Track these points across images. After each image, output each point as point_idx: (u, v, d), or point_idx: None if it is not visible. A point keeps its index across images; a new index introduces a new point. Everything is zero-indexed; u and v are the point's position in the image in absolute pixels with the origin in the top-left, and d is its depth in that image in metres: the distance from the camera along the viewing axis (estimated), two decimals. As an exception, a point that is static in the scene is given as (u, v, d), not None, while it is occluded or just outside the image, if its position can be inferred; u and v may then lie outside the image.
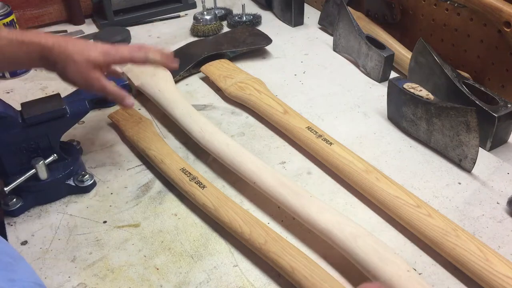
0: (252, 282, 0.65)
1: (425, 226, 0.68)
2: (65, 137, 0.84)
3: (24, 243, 0.73)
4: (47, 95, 0.82)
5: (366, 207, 0.77)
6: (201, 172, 0.83)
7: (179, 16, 1.44)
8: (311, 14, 1.41)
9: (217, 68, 1.09)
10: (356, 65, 1.14)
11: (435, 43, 1.09)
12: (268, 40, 1.20)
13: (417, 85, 0.89)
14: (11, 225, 0.76)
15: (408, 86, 0.89)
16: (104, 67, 0.76)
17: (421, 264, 0.67)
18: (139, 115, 0.95)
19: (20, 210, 0.77)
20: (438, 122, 0.84)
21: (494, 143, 0.86)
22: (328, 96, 1.05)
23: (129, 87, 1.01)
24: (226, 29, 1.34)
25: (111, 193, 0.81)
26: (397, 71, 1.12)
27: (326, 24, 1.30)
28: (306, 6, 1.39)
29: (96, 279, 0.67)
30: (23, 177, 0.74)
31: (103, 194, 0.81)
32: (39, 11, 1.34)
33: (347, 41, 1.15)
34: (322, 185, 0.82)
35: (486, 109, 0.83)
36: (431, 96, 0.85)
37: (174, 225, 0.75)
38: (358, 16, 1.21)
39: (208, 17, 1.30)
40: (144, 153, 0.85)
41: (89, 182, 0.81)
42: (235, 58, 1.17)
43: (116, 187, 0.82)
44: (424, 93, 0.86)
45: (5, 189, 0.73)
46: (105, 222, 0.76)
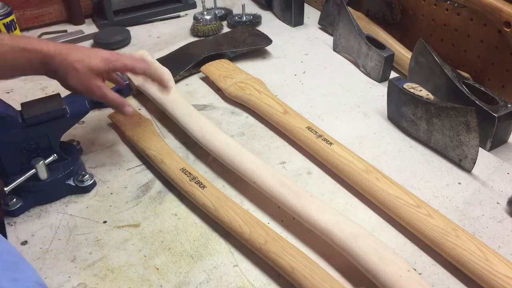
0: (252, 282, 0.65)
1: (425, 226, 0.68)
2: (65, 137, 0.84)
3: (24, 243, 0.73)
4: (47, 95, 0.83)
5: (366, 207, 0.77)
6: (201, 172, 0.83)
7: (179, 16, 1.44)
8: (311, 14, 1.41)
9: (217, 68, 1.09)
10: (356, 65, 1.14)
11: (435, 43, 1.09)
12: (268, 41, 1.20)
13: (417, 85, 0.89)
14: (11, 225, 0.76)
15: (408, 86, 0.89)
16: (105, 74, 0.78)
17: (421, 264, 0.67)
18: (139, 115, 0.95)
19: (20, 210, 0.77)
20: (438, 122, 0.84)
21: (494, 143, 0.86)
22: (328, 96, 1.05)
23: (129, 87, 1.01)
24: (226, 29, 1.34)
25: (111, 193, 0.81)
26: (397, 71, 1.12)
27: (326, 24, 1.30)
28: (306, 6, 1.39)
29: (96, 279, 0.67)
30: (23, 177, 0.74)
31: (103, 194, 0.81)
32: (39, 11, 1.34)
33: (347, 41, 1.15)
34: (322, 185, 0.82)
35: (486, 109, 0.83)
36: (431, 96, 0.85)
37: (174, 225, 0.75)
38: (358, 16, 1.21)
39: (208, 17, 1.30)
40: (144, 153, 0.85)
41: (89, 182, 0.81)
42: (235, 58, 1.17)
43: (116, 187, 0.82)
44: (424, 93, 0.86)
45: (5, 189, 0.73)
46: (105, 222, 0.76)
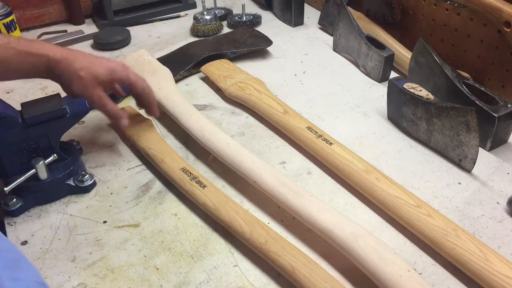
0: (252, 282, 0.65)
1: (425, 226, 0.68)
2: (65, 137, 0.84)
3: (24, 243, 0.72)
4: (47, 95, 0.82)
5: (366, 207, 0.77)
6: (201, 172, 0.83)
7: (179, 16, 1.44)
8: (311, 14, 1.41)
9: (217, 68, 1.09)
10: (356, 65, 1.14)
11: (435, 43, 1.09)
12: (269, 42, 1.20)
13: (417, 85, 0.89)
14: (11, 225, 0.76)
15: (408, 86, 0.89)
16: (108, 84, 0.79)
17: (421, 264, 0.67)
18: (139, 115, 0.95)
19: (20, 210, 0.77)
20: (438, 122, 0.84)
21: (494, 143, 0.86)
22: (328, 96, 1.05)
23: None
24: (226, 29, 1.35)
25: (111, 193, 0.81)
26: (397, 71, 1.12)
27: (326, 24, 1.30)
28: (306, 6, 1.39)
29: (96, 279, 0.67)
30: (23, 177, 0.74)
31: (103, 194, 0.81)
32: (39, 11, 1.34)
33: (347, 41, 1.15)
34: (322, 185, 0.82)
35: (486, 109, 0.83)
36: (431, 96, 0.85)
37: (174, 225, 0.75)
38: (358, 16, 1.21)
39: (208, 17, 1.30)
40: (144, 152, 0.85)
41: (89, 182, 0.81)
42: (235, 58, 1.17)
43: (116, 187, 0.82)
44: (424, 93, 0.86)
45: (5, 189, 0.73)
46: (105, 222, 0.76)
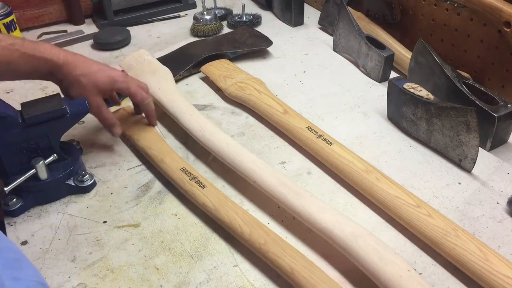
0: (252, 282, 0.65)
1: (425, 226, 0.68)
2: (65, 137, 0.84)
3: (24, 243, 0.72)
4: (47, 95, 0.82)
5: (366, 207, 0.77)
6: (201, 172, 0.83)
7: (179, 16, 1.44)
8: (311, 14, 1.41)
9: (217, 68, 1.09)
10: (356, 65, 1.14)
11: (435, 43, 1.09)
12: (269, 42, 1.20)
13: (417, 85, 0.89)
14: (11, 225, 0.76)
15: (408, 86, 0.89)
16: (108, 93, 0.79)
17: (421, 264, 0.67)
18: (139, 114, 0.95)
19: (20, 210, 0.77)
20: (438, 122, 0.84)
21: (494, 143, 0.86)
22: (328, 96, 1.05)
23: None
24: (226, 29, 1.35)
25: (111, 193, 0.81)
26: (397, 71, 1.12)
27: (326, 24, 1.30)
28: (306, 6, 1.39)
29: (96, 279, 0.67)
30: (23, 177, 0.74)
31: (103, 194, 0.81)
32: (39, 11, 1.34)
33: (347, 41, 1.15)
34: (322, 185, 0.82)
35: (486, 109, 0.83)
36: (431, 96, 0.85)
37: (174, 225, 0.75)
38: (358, 16, 1.21)
39: (208, 17, 1.30)
40: (144, 152, 0.85)
41: (89, 182, 0.81)
42: (235, 58, 1.17)
43: (116, 187, 0.82)
44: (424, 93, 0.86)
45: (5, 189, 0.73)
46: (105, 222, 0.76)
